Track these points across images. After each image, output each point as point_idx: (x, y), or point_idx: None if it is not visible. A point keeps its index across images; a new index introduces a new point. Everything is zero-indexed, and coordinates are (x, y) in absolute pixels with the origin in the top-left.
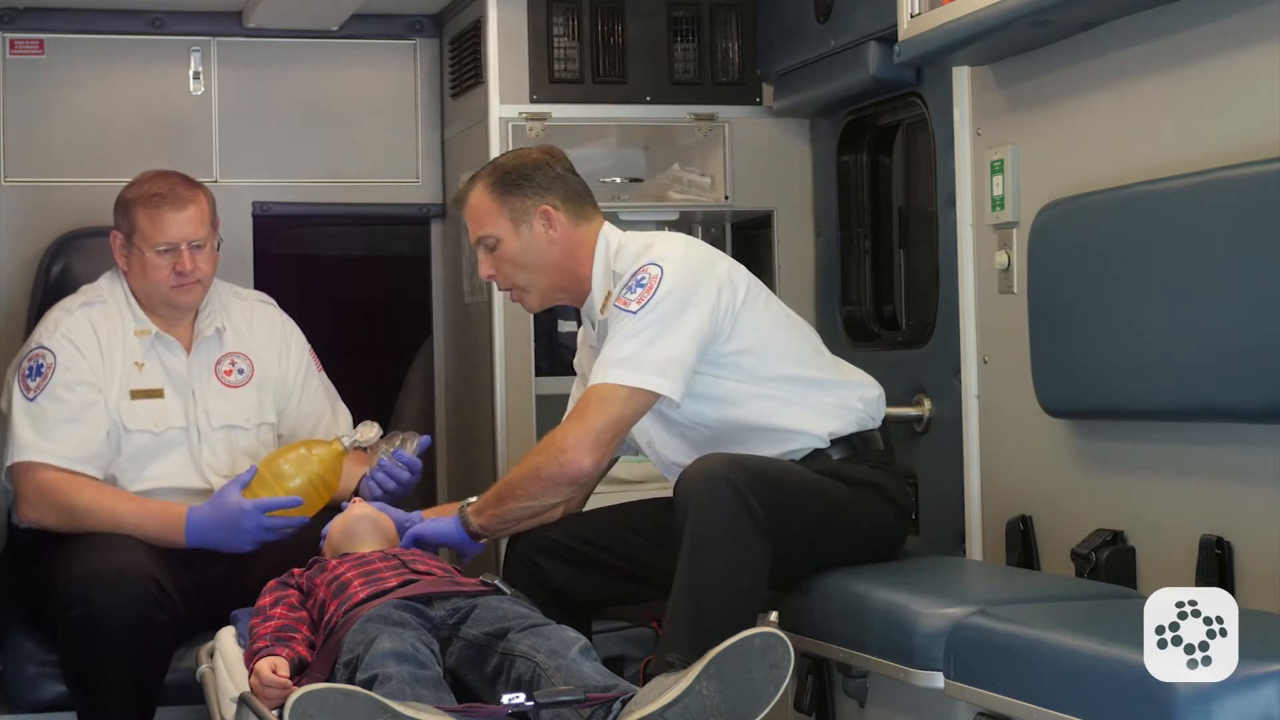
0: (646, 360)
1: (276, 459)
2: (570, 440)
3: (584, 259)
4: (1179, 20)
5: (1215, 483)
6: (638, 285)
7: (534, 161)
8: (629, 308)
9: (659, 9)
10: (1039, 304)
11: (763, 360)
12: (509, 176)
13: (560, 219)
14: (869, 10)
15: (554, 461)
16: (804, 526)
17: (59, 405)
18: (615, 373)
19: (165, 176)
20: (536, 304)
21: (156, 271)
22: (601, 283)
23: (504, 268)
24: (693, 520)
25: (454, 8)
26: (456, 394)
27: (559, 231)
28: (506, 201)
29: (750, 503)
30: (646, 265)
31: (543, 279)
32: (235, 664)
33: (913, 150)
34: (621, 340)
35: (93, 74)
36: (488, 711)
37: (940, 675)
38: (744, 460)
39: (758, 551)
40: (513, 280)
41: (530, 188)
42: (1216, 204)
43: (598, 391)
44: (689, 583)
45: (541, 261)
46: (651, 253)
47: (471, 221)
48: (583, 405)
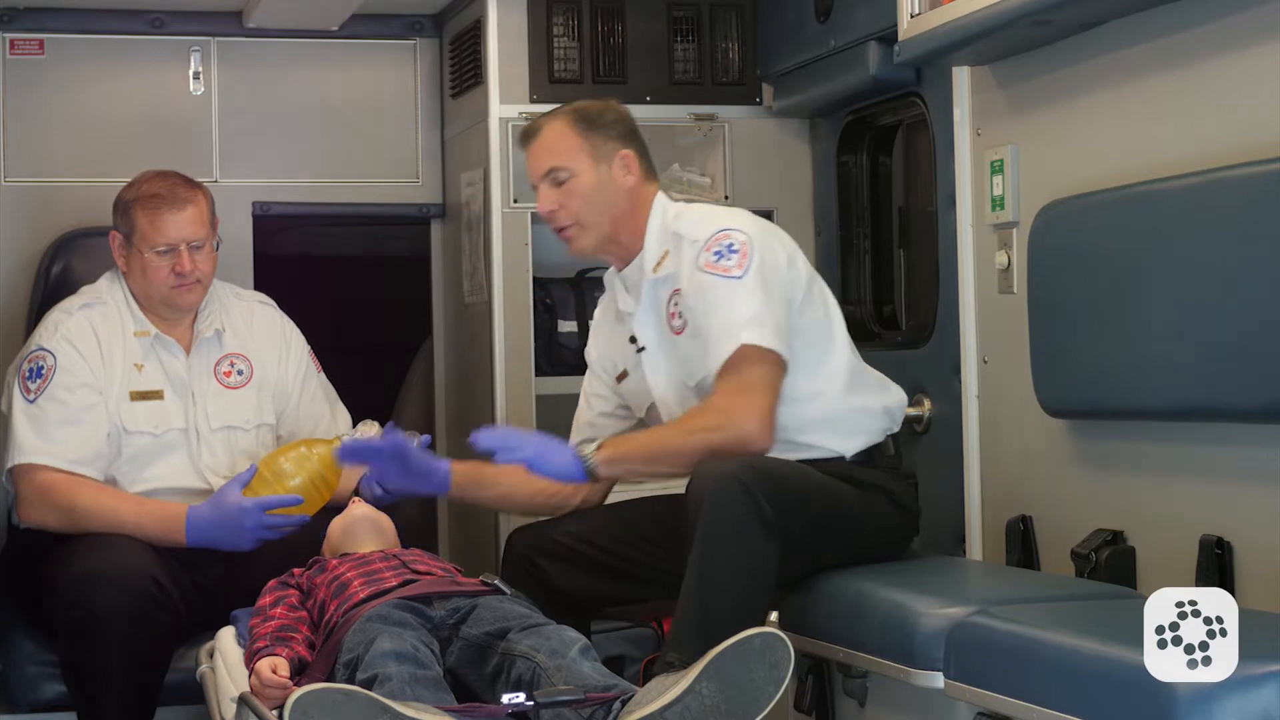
0: (770, 322)
1: (277, 458)
2: (754, 424)
3: (643, 216)
4: (1179, 20)
5: (1215, 483)
6: (730, 251)
7: (618, 110)
8: (730, 273)
9: (659, 9)
10: (1039, 304)
11: (813, 344)
12: (596, 116)
13: (636, 169)
14: (869, 10)
15: (736, 442)
16: (813, 529)
17: (59, 407)
18: (755, 333)
19: (164, 177)
20: (590, 245)
21: (155, 272)
22: (657, 242)
23: (571, 203)
24: (704, 520)
25: (454, 8)
26: (456, 394)
27: (633, 180)
28: (589, 137)
29: (761, 504)
30: (728, 230)
31: (606, 222)
32: (235, 664)
33: (913, 150)
34: (741, 303)
35: (93, 74)
36: (488, 711)
37: (940, 675)
38: (756, 462)
39: (767, 553)
40: (577, 215)
41: (614, 131)
42: (1216, 204)
43: (746, 355)
44: (698, 583)
45: (610, 204)
46: (729, 219)
47: (543, 153)
48: (745, 377)
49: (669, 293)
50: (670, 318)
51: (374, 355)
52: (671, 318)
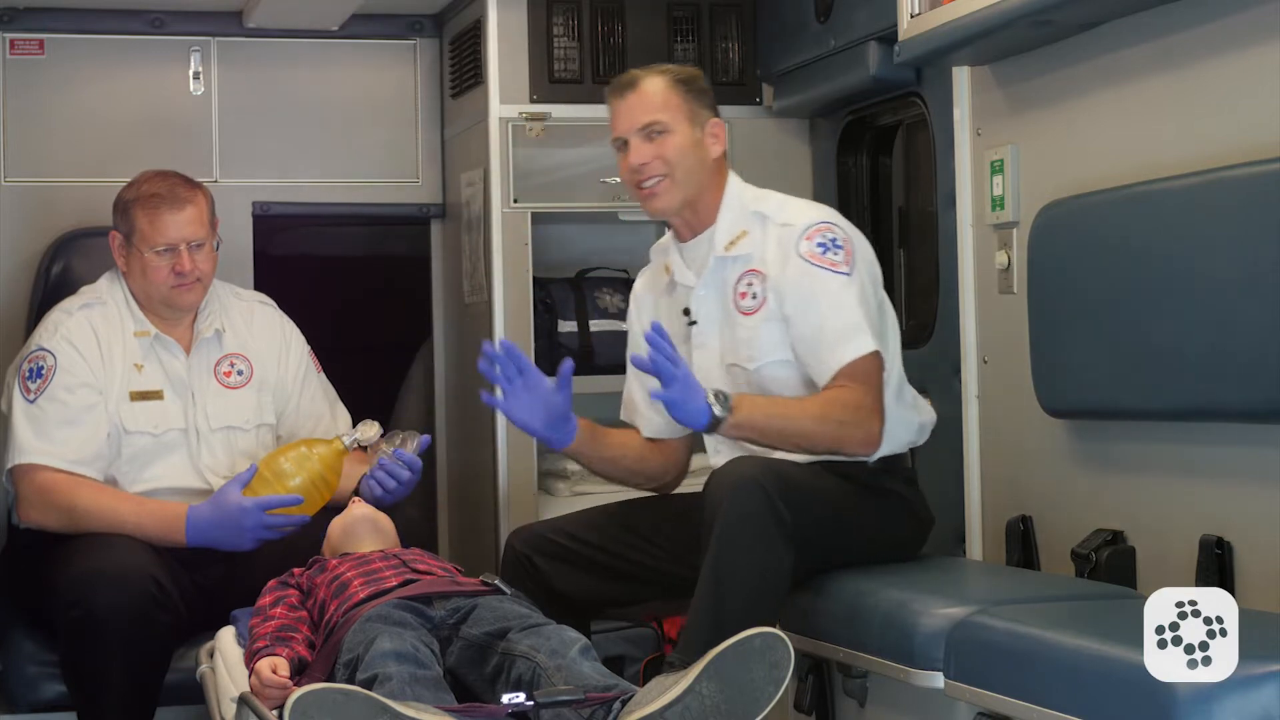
0: (874, 325)
1: (277, 458)
2: (877, 429)
3: (719, 189)
4: (1179, 20)
5: (1215, 483)
6: (835, 246)
7: (705, 82)
8: (839, 269)
9: (659, 9)
10: (1039, 304)
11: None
12: (691, 80)
13: (723, 141)
14: (869, 10)
15: (860, 442)
16: (829, 536)
17: (59, 407)
18: (875, 339)
19: (164, 177)
20: (673, 204)
21: (155, 272)
22: (734, 219)
23: (665, 156)
24: (721, 523)
25: (454, 8)
26: (456, 394)
27: (719, 151)
28: (688, 100)
29: (779, 509)
30: (830, 224)
31: (691, 185)
32: (235, 664)
33: (913, 150)
34: (856, 303)
35: (93, 74)
36: (488, 711)
37: (940, 675)
38: (777, 466)
39: (783, 558)
40: (665, 166)
41: (706, 100)
42: (1216, 204)
43: (871, 361)
44: (713, 585)
45: (697, 168)
46: (821, 210)
47: (643, 105)
48: (873, 382)
49: (740, 272)
50: (740, 297)
51: (374, 355)
52: (741, 297)
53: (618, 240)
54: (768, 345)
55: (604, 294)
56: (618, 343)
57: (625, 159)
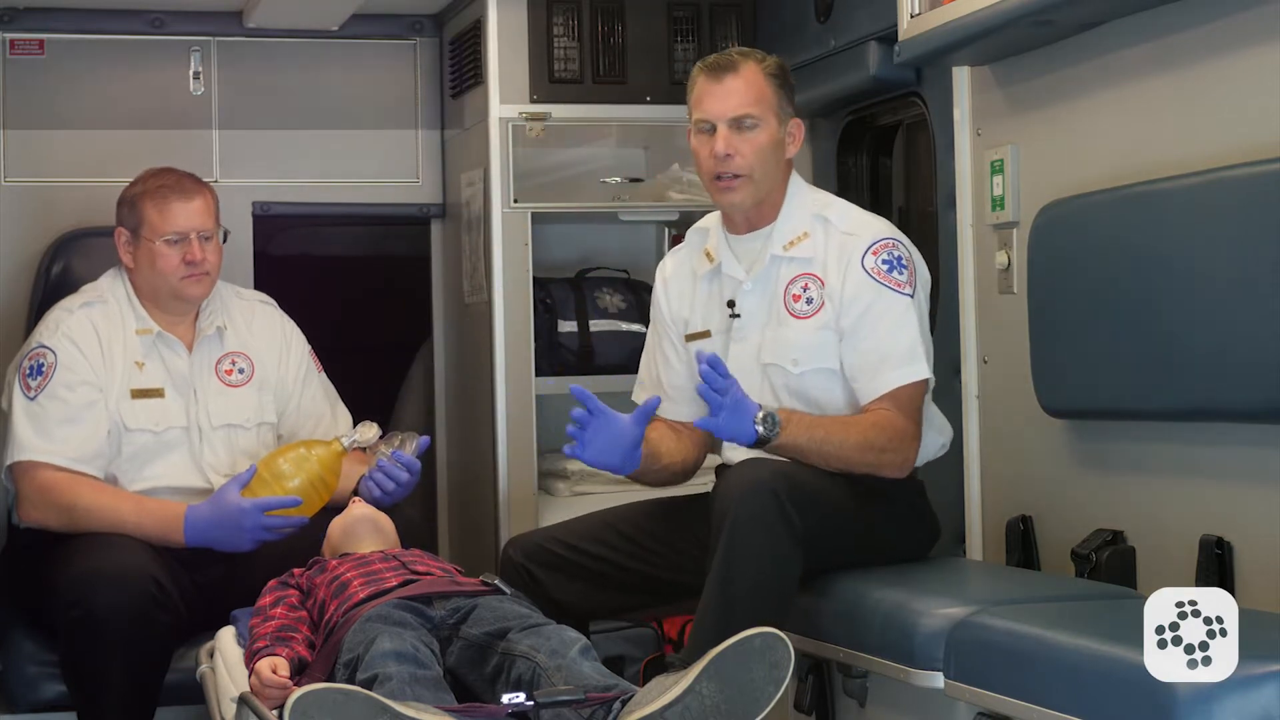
0: (929, 350)
1: (276, 458)
2: (913, 456)
3: (784, 187)
4: (1179, 20)
5: (1215, 483)
6: (900, 265)
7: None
8: (903, 289)
9: (659, 9)
10: (1039, 304)
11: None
12: (785, 75)
13: (799, 142)
14: (869, 10)
15: (896, 466)
16: (837, 539)
17: (60, 405)
18: (929, 365)
19: (170, 171)
20: (748, 200)
21: (166, 261)
22: (799, 219)
23: (748, 152)
24: (731, 525)
25: (454, 8)
26: (456, 394)
27: (794, 151)
28: (779, 95)
29: (790, 515)
30: (895, 241)
31: (766, 182)
32: (235, 664)
33: (913, 150)
34: (914, 327)
35: (93, 74)
36: (488, 711)
37: (940, 675)
38: (788, 471)
39: (792, 563)
40: (750, 166)
41: (792, 96)
42: (1216, 204)
43: (921, 388)
44: (722, 587)
45: (774, 168)
46: (886, 225)
47: (741, 94)
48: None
49: (796, 273)
50: (793, 299)
51: (374, 355)
52: (795, 300)
53: (618, 240)
54: (817, 352)
55: (604, 294)
56: (618, 342)
57: (709, 143)
